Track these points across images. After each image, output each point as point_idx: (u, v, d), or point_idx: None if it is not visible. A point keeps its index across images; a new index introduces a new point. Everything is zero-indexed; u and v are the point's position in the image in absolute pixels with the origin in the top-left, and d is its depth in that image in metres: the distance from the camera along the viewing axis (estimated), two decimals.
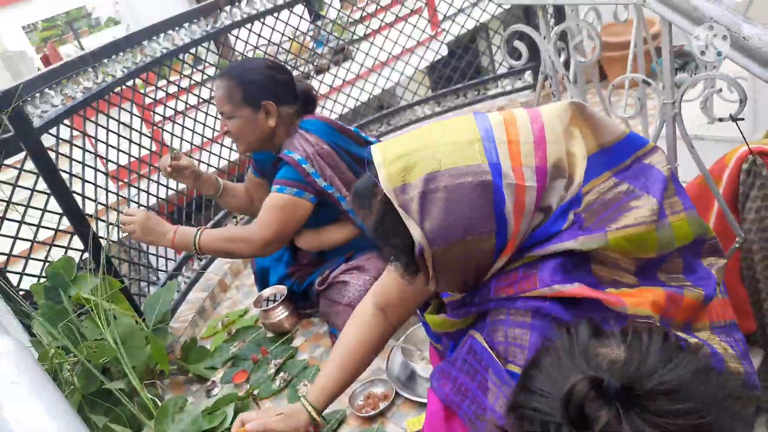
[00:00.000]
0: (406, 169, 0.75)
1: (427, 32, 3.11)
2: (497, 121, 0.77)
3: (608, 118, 0.82)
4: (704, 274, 0.82)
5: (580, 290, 0.71)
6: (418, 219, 0.74)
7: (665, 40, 1.09)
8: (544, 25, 1.29)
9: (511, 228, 0.74)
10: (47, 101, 1.69)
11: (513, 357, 0.74)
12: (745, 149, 1.22)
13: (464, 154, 0.74)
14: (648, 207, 0.75)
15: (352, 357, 1.15)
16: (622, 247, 0.74)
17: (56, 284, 1.60)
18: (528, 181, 0.74)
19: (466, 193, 0.73)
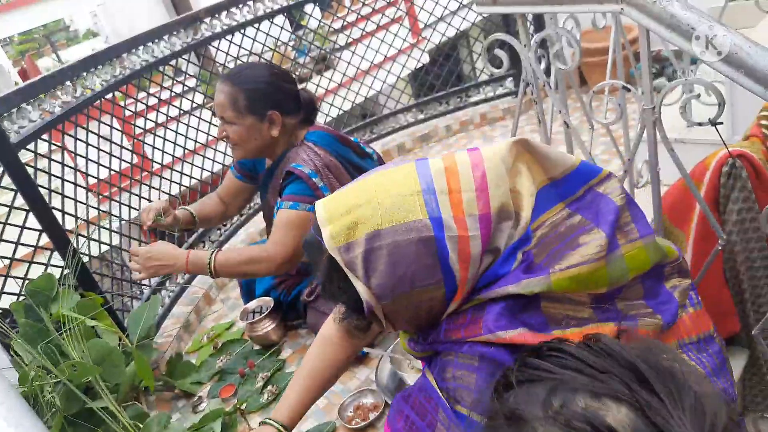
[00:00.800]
0: (350, 227, 0.75)
1: (408, 40, 3.13)
2: (438, 170, 0.77)
3: (556, 151, 0.80)
4: (666, 298, 0.81)
5: (521, 337, 0.71)
6: (363, 277, 0.75)
7: (643, 46, 1.10)
8: (524, 33, 1.30)
9: (458, 276, 0.75)
10: (24, 116, 1.66)
11: (460, 398, 0.75)
12: (724, 152, 1.24)
13: (405, 209, 0.75)
14: (596, 243, 0.74)
15: (319, 376, 1.16)
16: (567, 287, 0.74)
17: (36, 302, 1.57)
18: (471, 231, 0.74)
19: (409, 250, 0.74)
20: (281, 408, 1.16)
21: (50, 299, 1.59)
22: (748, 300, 1.32)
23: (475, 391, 0.73)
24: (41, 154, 1.72)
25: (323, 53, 3.05)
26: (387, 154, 2.92)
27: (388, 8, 3.02)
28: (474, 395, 0.73)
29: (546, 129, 1.48)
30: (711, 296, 1.32)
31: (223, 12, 2.38)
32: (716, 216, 1.28)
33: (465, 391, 0.74)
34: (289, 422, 1.16)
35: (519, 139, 0.79)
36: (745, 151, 1.23)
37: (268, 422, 1.15)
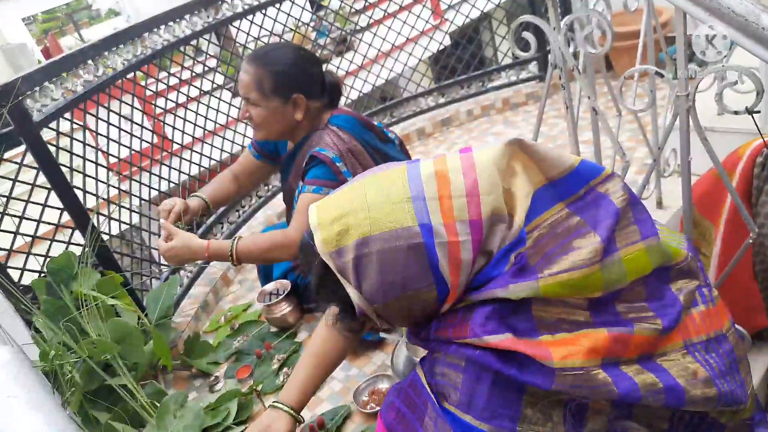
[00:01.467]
0: (341, 233, 0.76)
1: (431, 22, 3.07)
2: (429, 175, 0.77)
3: (554, 151, 0.77)
4: (670, 301, 0.78)
5: (507, 343, 0.71)
6: (355, 282, 0.77)
7: (679, 30, 1.05)
8: (554, 15, 1.26)
9: (449, 281, 0.76)
10: (47, 95, 1.66)
11: (448, 395, 0.77)
12: (759, 142, 1.19)
13: (395, 215, 0.75)
14: (591, 248, 0.72)
15: (323, 363, 1.19)
16: (556, 293, 0.72)
17: (57, 280, 1.59)
18: (462, 236, 0.74)
19: (399, 255, 0.74)
20: (288, 392, 1.18)
21: (71, 277, 1.61)
22: None
23: (461, 391, 0.75)
24: (63, 133, 1.72)
25: (344, 34, 3.02)
26: (407, 139, 2.89)
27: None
28: (460, 395, 0.75)
29: (573, 114, 1.44)
30: (739, 290, 1.29)
31: None
32: (748, 208, 1.24)
33: (452, 389, 0.76)
34: (298, 406, 1.17)
35: (514, 140, 0.77)
36: None
37: (276, 406, 1.17)
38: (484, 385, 0.73)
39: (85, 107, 1.81)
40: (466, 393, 0.74)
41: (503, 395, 0.73)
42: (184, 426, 1.44)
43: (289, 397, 1.18)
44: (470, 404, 0.74)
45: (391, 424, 0.85)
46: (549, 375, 0.70)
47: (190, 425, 1.44)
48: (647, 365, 0.74)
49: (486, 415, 0.73)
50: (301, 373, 1.19)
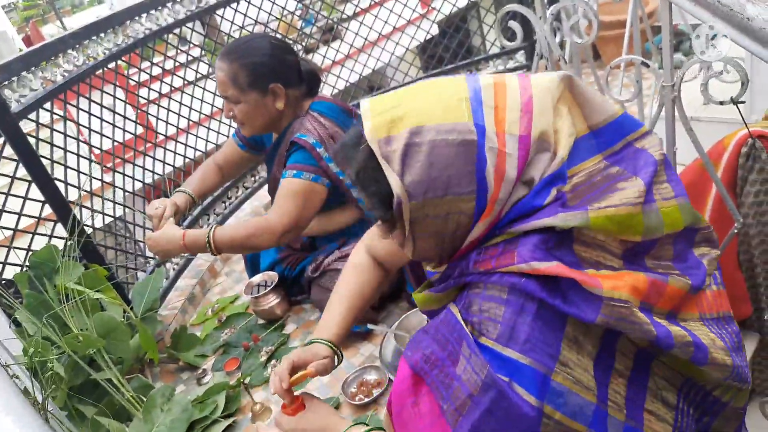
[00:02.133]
0: (393, 121, 0.74)
1: (418, 11, 3.05)
2: (487, 84, 0.76)
3: (600, 96, 0.78)
4: (693, 264, 0.80)
5: (557, 269, 0.70)
6: (399, 171, 0.73)
7: (665, 21, 1.05)
8: (540, 4, 1.25)
9: (491, 192, 0.73)
10: (26, 85, 1.63)
11: (486, 330, 0.73)
12: (744, 132, 1.20)
13: (452, 111, 0.74)
14: (635, 189, 0.74)
15: (358, 296, 1.17)
16: (604, 226, 0.73)
17: (40, 273, 1.56)
18: (510, 149, 0.73)
19: (450, 150, 0.72)
20: (325, 327, 1.16)
21: (53, 271, 1.58)
22: (762, 284, 1.30)
23: (502, 324, 0.72)
24: (42, 124, 1.69)
25: (330, 23, 2.98)
26: None
27: None
28: (501, 327, 0.72)
29: None
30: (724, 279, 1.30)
31: None
32: (732, 197, 1.25)
33: (491, 323, 0.73)
34: (336, 339, 1.15)
35: (566, 76, 0.77)
36: (765, 132, 1.19)
37: (315, 341, 1.14)
38: (527, 317, 0.71)
39: (65, 98, 1.77)
40: (507, 325, 0.71)
41: (544, 331, 0.71)
42: (172, 420, 1.43)
43: (327, 332, 1.15)
44: (511, 337, 0.71)
45: (417, 363, 0.80)
46: (595, 305, 0.69)
47: (178, 419, 1.44)
48: (674, 322, 0.76)
49: (527, 347, 0.70)
50: (337, 308, 1.17)
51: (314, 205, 1.59)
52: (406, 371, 0.82)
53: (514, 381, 0.69)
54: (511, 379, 0.70)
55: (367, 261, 1.19)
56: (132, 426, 1.43)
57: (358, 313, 1.18)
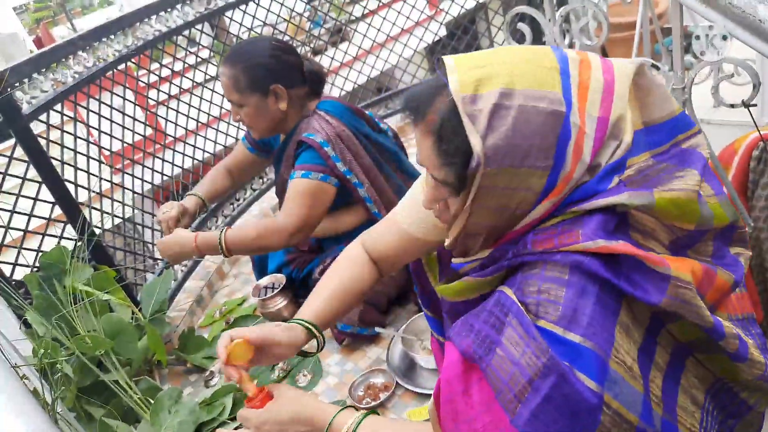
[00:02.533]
0: (481, 80, 0.71)
1: (426, 13, 3.04)
2: (573, 58, 0.74)
3: (663, 91, 0.76)
4: (731, 261, 0.79)
5: (625, 247, 0.68)
6: (483, 132, 0.70)
7: (675, 23, 1.04)
8: (549, 6, 1.24)
9: (566, 170, 0.71)
10: (36, 86, 1.64)
11: (545, 312, 0.69)
12: (755, 135, 1.19)
13: (543, 78, 0.71)
14: (693, 177, 0.74)
15: (345, 291, 1.11)
16: (666, 210, 0.72)
17: (50, 274, 1.57)
18: (588, 129, 0.71)
19: (538, 118, 0.69)
20: (307, 309, 1.08)
21: (63, 272, 1.59)
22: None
23: (563, 306, 0.68)
24: (53, 126, 1.70)
25: (338, 25, 2.99)
26: (402, 131, 2.87)
27: None
28: (562, 309, 0.68)
29: None
30: None
31: None
32: (743, 201, 1.23)
33: (551, 305, 0.69)
34: (317, 321, 1.07)
35: (641, 64, 0.75)
36: None
37: (295, 322, 1.05)
38: (589, 298, 0.68)
39: (75, 99, 1.79)
40: (569, 307, 0.68)
41: (603, 314, 0.69)
42: (179, 422, 1.43)
43: (308, 314, 1.07)
44: (573, 319, 0.68)
45: (469, 347, 0.74)
46: (661, 286, 0.68)
47: (185, 421, 1.44)
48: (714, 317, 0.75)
49: (590, 331, 0.67)
50: (322, 293, 1.10)
51: (323, 204, 1.58)
52: (456, 356, 0.76)
53: (575, 366, 0.66)
54: (572, 364, 0.66)
55: (360, 255, 1.14)
56: (140, 428, 1.44)
57: (342, 304, 1.11)
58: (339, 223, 1.78)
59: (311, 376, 1.63)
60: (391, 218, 1.12)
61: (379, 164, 1.70)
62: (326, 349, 1.71)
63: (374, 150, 1.69)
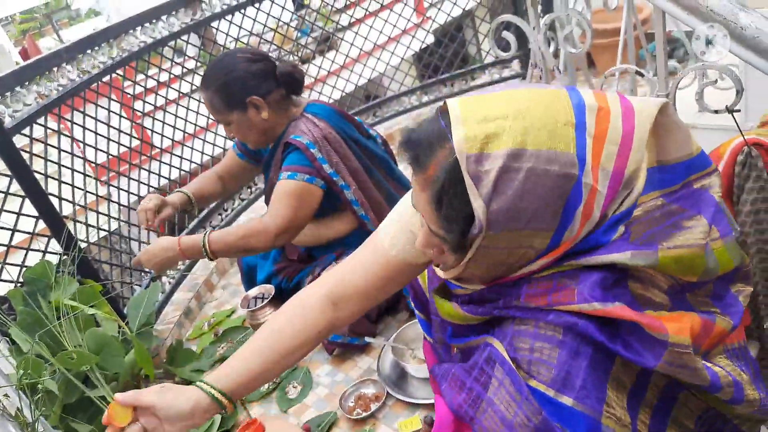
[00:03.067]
0: (490, 136, 0.65)
1: (413, 21, 3.05)
2: (591, 106, 0.68)
3: (683, 131, 0.72)
4: (731, 301, 0.77)
5: (622, 311, 0.65)
6: (488, 196, 0.65)
7: (659, 30, 1.05)
8: (533, 14, 1.25)
9: (573, 231, 0.67)
10: (19, 100, 1.62)
11: (537, 372, 0.68)
12: (740, 140, 1.19)
13: (557, 136, 0.65)
14: (701, 229, 0.70)
15: (279, 346, 0.95)
16: (669, 267, 0.69)
17: (34, 289, 1.55)
18: (601, 186, 0.67)
19: (548, 182, 0.65)
20: (220, 372, 0.92)
21: (48, 287, 1.57)
22: (760, 293, 1.29)
23: (556, 368, 0.67)
24: (36, 139, 1.68)
25: (326, 33, 2.98)
26: (390, 138, 2.87)
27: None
28: (555, 371, 0.67)
29: None
30: None
31: None
32: (729, 206, 1.24)
33: (544, 366, 0.68)
34: (226, 385, 0.91)
35: (664, 105, 0.71)
36: (761, 140, 1.18)
37: (199, 386, 0.90)
38: (582, 361, 0.67)
39: (60, 112, 1.77)
40: (562, 369, 0.67)
41: (596, 374, 0.67)
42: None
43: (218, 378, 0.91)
44: (566, 382, 0.66)
45: (461, 407, 0.73)
46: (658, 351, 0.66)
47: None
48: (705, 360, 0.73)
49: (582, 394, 0.66)
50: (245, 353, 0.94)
51: (309, 206, 1.58)
52: (447, 415, 0.76)
53: (568, 429, 0.66)
54: (564, 426, 0.66)
55: (320, 302, 0.98)
56: None
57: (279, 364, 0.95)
58: (328, 231, 1.77)
59: (301, 387, 1.61)
60: (371, 248, 0.99)
61: (369, 169, 1.70)
62: (316, 360, 1.70)
63: (363, 155, 1.69)
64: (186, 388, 0.90)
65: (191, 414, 0.88)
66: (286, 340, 0.96)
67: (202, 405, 0.89)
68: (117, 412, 0.89)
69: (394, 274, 0.96)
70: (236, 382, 0.92)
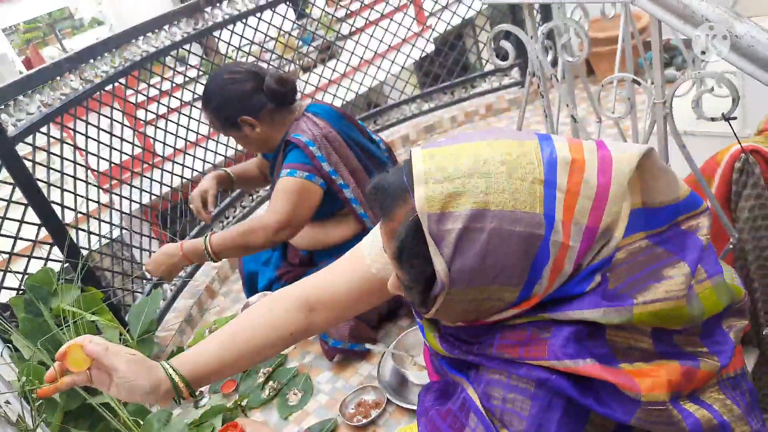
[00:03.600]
0: (452, 195, 0.64)
1: (413, 29, 3.07)
2: (564, 161, 0.66)
3: (671, 176, 0.70)
4: (721, 339, 0.74)
5: (592, 369, 0.64)
6: (450, 256, 0.65)
7: (655, 39, 1.06)
8: (531, 24, 1.26)
9: (542, 286, 0.67)
10: (22, 109, 1.64)
11: (509, 423, 0.68)
12: (737, 147, 1.20)
13: (522, 196, 0.64)
14: (681, 278, 0.67)
15: (251, 343, 0.95)
16: (646, 321, 0.66)
17: (36, 297, 1.56)
18: (573, 241, 0.65)
19: (512, 242, 0.64)
20: (186, 358, 0.93)
21: (50, 294, 1.58)
22: (759, 299, 1.29)
23: (528, 420, 0.67)
24: (39, 147, 1.69)
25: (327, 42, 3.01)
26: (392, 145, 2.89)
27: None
28: (527, 424, 0.67)
29: (552, 122, 1.45)
30: None
31: (224, 1, 2.34)
32: (727, 213, 1.24)
33: (516, 417, 0.68)
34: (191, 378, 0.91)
35: (647, 153, 0.68)
36: (758, 147, 1.19)
37: (164, 366, 0.91)
38: (555, 414, 0.67)
39: (62, 120, 1.78)
40: (534, 421, 0.66)
41: (569, 424, 0.67)
42: None
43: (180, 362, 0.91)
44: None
45: None
46: (631, 407, 0.65)
47: None
48: (695, 401, 0.71)
49: None
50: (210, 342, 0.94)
51: (309, 204, 1.60)
52: None
53: None
54: None
55: (296, 304, 0.99)
56: None
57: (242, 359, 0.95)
58: (328, 236, 1.77)
59: (302, 394, 1.61)
60: (354, 259, 1.01)
61: (369, 170, 1.72)
62: (317, 366, 1.70)
63: (364, 156, 1.71)
64: (153, 365, 0.90)
65: (148, 392, 0.88)
66: (258, 338, 0.96)
67: (162, 387, 0.89)
68: (76, 357, 0.85)
69: (373, 289, 0.98)
70: (201, 372, 0.92)
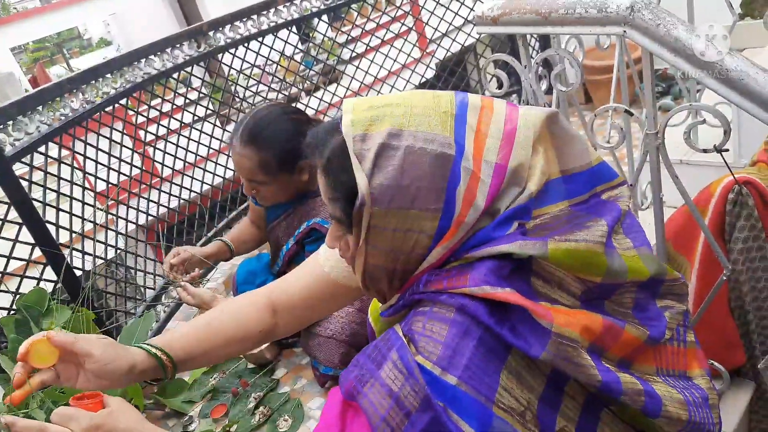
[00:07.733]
0: (373, 119, 0.73)
1: (413, 56, 3.11)
2: (474, 104, 0.75)
3: (580, 141, 0.78)
4: (654, 315, 0.79)
5: (509, 296, 0.67)
6: (369, 171, 0.71)
7: (646, 70, 1.07)
8: (525, 53, 1.27)
9: (457, 213, 0.71)
10: (21, 129, 1.65)
11: (424, 350, 0.69)
12: (730, 178, 1.20)
13: (434, 121, 0.73)
14: (599, 230, 0.73)
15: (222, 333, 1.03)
16: (562, 261, 0.71)
17: (27, 317, 1.55)
18: (484, 175, 0.72)
19: (425, 159, 0.71)
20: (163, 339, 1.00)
21: (42, 314, 1.57)
22: (754, 331, 1.28)
23: (443, 345, 0.68)
24: (36, 167, 1.70)
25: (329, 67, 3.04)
26: None
27: (394, 23, 3.00)
28: (442, 348, 0.68)
29: None
30: (716, 327, 1.28)
31: (227, 26, 2.37)
32: (721, 244, 1.24)
33: (432, 343, 0.69)
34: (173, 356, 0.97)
35: (552, 114, 0.76)
36: (751, 178, 1.20)
37: (146, 348, 0.96)
38: (470, 341, 0.68)
39: (60, 141, 1.79)
40: (449, 347, 0.68)
41: (486, 359, 0.68)
42: None
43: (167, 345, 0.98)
44: (451, 361, 0.67)
45: (350, 385, 0.74)
46: (542, 339, 0.67)
47: None
48: (624, 370, 0.74)
49: (466, 375, 0.67)
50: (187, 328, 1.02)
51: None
52: (337, 397, 0.77)
53: (452, 409, 0.66)
54: (447, 405, 0.66)
55: (263, 303, 1.06)
56: None
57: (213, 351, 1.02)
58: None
59: (292, 420, 1.59)
60: (312, 261, 1.08)
61: None
62: (309, 392, 1.68)
63: None
64: (126, 347, 0.94)
65: (125, 373, 0.90)
66: (229, 329, 1.03)
67: (138, 367, 0.92)
68: (41, 352, 0.79)
69: (328, 293, 1.04)
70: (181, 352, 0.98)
